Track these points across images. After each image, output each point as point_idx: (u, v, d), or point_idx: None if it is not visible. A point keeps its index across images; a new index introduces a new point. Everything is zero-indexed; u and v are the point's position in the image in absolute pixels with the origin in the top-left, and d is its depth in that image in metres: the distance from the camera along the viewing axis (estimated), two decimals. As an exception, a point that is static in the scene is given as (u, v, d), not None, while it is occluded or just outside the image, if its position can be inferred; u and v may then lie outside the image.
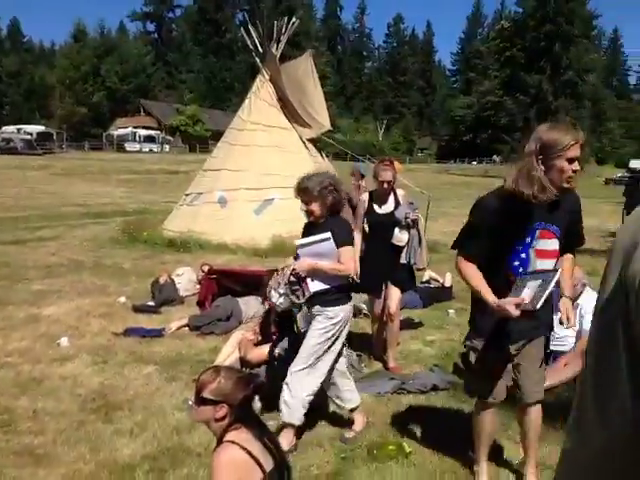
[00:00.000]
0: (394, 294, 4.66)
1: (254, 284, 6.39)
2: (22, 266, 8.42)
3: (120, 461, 3.20)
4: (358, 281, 4.31)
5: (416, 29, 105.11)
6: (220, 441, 2.18)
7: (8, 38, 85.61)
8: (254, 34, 11.96)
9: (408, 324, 5.83)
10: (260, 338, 4.37)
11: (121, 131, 54.85)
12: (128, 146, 50.89)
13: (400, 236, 4.52)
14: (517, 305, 2.40)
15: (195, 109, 59.91)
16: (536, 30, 63.17)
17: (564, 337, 4.47)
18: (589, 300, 4.43)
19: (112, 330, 5.50)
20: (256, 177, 11.12)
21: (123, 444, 3.39)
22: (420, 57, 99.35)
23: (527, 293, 2.45)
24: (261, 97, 11.80)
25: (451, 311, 6.36)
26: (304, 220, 12.73)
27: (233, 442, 2.16)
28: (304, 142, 11.75)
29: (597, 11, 66.96)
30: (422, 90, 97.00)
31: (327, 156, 15.86)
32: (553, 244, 2.64)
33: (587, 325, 4.31)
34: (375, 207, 4.71)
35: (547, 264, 2.63)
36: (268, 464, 2.15)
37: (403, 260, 4.54)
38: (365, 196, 4.86)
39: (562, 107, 63.04)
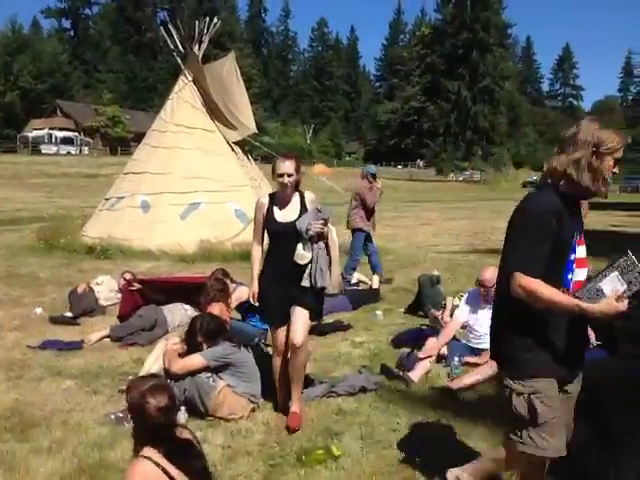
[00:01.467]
0: (299, 321, 3.64)
1: (181, 292, 6.25)
2: None
3: (36, 483, 3.03)
4: (256, 304, 3.84)
5: (340, 34, 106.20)
6: (136, 455, 2.12)
7: None
8: (175, 34, 11.72)
9: (337, 327, 5.88)
10: (185, 348, 4.25)
11: (36, 133, 52.15)
12: (44, 148, 48.47)
13: (302, 253, 3.60)
14: (619, 299, 2.05)
15: (115, 110, 57.92)
16: (454, 37, 65.70)
17: (484, 335, 4.66)
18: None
19: (27, 343, 5.20)
20: (181, 180, 10.87)
21: (40, 463, 3.20)
22: (345, 62, 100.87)
23: (611, 287, 2.09)
24: (184, 98, 11.57)
25: (379, 312, 6.48)
26: (232, 224, 12.56)
27: (148, 458, 2.10)
28: (230, 145, 11.63)
29: (511, 20, 70.43)
30: (348, 95, 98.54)
31: (255, 159, 15.77)
32: (584, 251, 2.30)
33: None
34: (275, 212, 3.77)
35: (582, 274, 2.28)
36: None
37: (304, 282, 3.61)
38: (265, 199, 3.85)
39: (480, 113, 65.88)
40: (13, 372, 4.56)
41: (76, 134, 53.88)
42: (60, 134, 51.75)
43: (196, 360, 3.85)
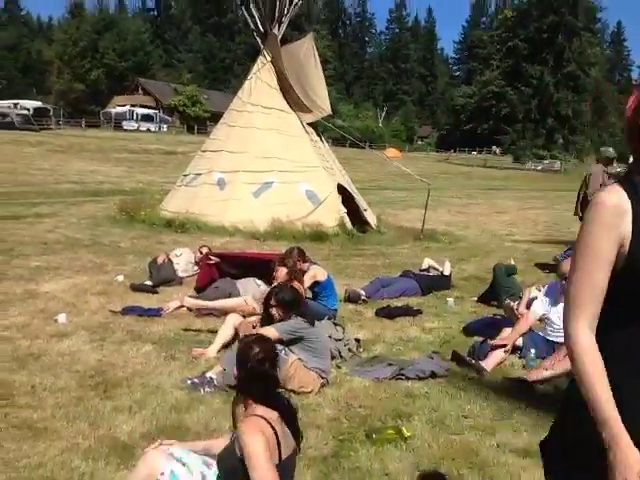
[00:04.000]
0: None
1: (255, 267, 6.39)
2: (19, 242, 8.38)
3: (119, 438, 3.20)
4: None
5: (419, 16, 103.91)
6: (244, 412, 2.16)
7: (5, 11, 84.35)
8: (256, 14, 11.81)
9: (407, 311, 5.84)
10: (258, 323, 4.35)
11: (119, 109, 54.37)
12: (126, 124, 50.49)
13: None
14: None
15: (194, 89, 59.43)
16: (539, 21, 62.82)
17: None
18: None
19: (110, 308, 5.49)
20: (255, 160, 11.06)
21: (122, 421, 3.38)
22: (422, 44, 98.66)
23: None
24: (262, 79, 11.69)
25: (450, 300, 6.37)
26: (303, 204, 12.68)
27: (262, 417, 2.13)
28: (304, 126, 11.68)
29: (601, 4, 66.43)
30: (423, 78, 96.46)
31: (327, 141, 15.79)
32: None
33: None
34: None
35: None
36: (286, 450, 2.14)
37: None
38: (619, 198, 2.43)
39: (563, 99, 62.88)
40: (97, 334, 4.82)
41: (156, 111, 55.78)
42: (141, 111, 53.73)
43: (270, 332, 3.93)
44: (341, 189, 11.40)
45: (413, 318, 5.73)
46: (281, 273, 5.19)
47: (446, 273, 7.15)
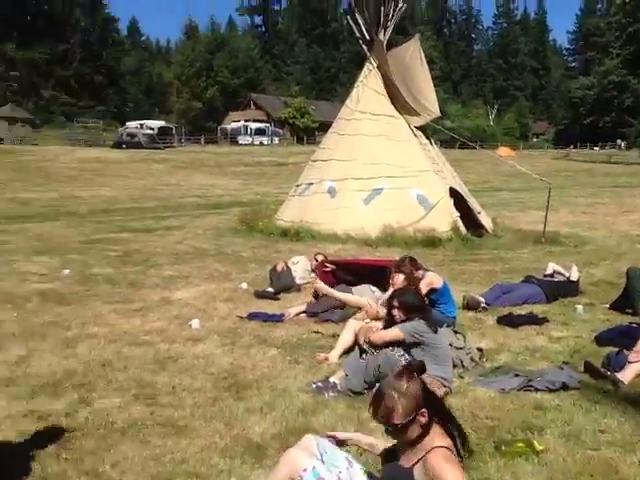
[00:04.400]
0: None
1: (369, 274, 6.47)
2: (152, 253, 9.12)
3: (252, 438, 3.39)
4: None
5: (528, 8, 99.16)
6: (415, 444, 2.13)
7: (128, 37, 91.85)
8: (361, 21, 11.90)
9: (531, 319, 5.61)
10: (379, 326, 4.41)
11: (234, 125, 57.25)
12: (240, 139, 53.00)
13: None
14: None
15: (302, 101, 61.07)
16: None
17: None
18: None
19: (237, 314, 5.81)
20: (364, 167, 11.16)
21: (254, 422, 3.57)
22: (532, 37, 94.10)
23: None
24: (369, 86, 11.78)
25: (579, 307, 6.02)
26: (414, 209, 12.62)
27: (448, 448, 2.11)
28: (412, 130, 11.60)
29: None
30: (536, 72, 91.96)
31: (436, 143, 15.55)
32: None
33: None
34: None
35: None
36: None
37: None
38: None
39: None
40: (227, 339, 5.14)
41: (267, 125, 58.02)
42: (254, 125, 56.15)
43: (393, 332, 3.99)
44: (453, 192, 11.17)
45: (539, 326, 5.49)
46: (398, 280, 5.21)
47: (573, 278, 6.76)
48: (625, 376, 4.03)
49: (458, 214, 10.79)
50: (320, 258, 6.98)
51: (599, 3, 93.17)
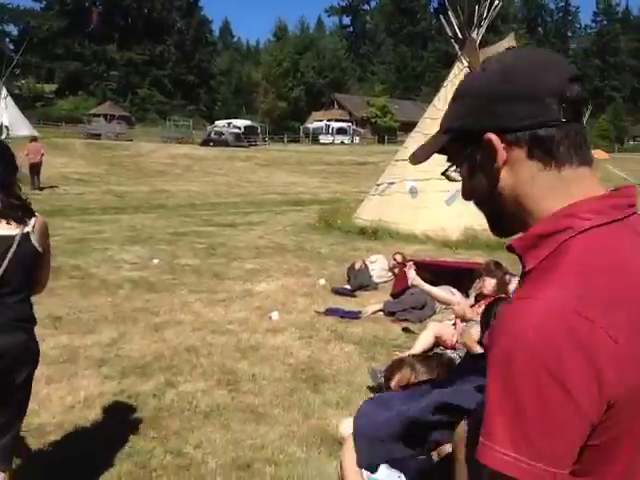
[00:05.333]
0: None
1: (449, 276, 6.37)
2: (236, 247, 9.44)
3: (329, 430, 3.45)
4: None
5: (630, 4, 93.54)
6: None
7: (220, 38, 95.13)
8: (454, 20, 11.70)
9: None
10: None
11: (316, 124, 57.89)
12: (322, 138, 53.54)
13: None
14: None
15: (385, 100, 60.74)
16: None
17: None
18: None
19: (315, 309, 5.92)
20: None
21: (331, 414, 3.65)
22: (634, 35, 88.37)
23: None
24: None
25: None
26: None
27: None
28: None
29: None
30: (636, 71, 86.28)
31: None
32: None
33: None
34: None
35: None
36: None
37: None
38: None
39: None
40: (305, 332, 5.25)
41: (349, 124, 58.20)
42: (336, 125, 56.52)
43: None
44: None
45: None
46: (489, 284, 5.11)
47: None
48: None
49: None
50: (399, 258, 6.95)
51: None
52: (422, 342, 4.77)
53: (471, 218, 10.43)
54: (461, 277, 6.37)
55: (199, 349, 4.73)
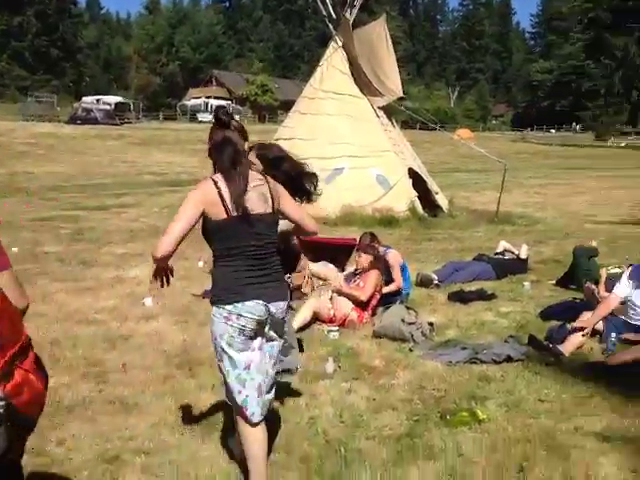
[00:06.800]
0: None
1: (327, 253, 6.51)
2: (106, 231, 8.93)
3: (204, 414, 3.40)
4: None
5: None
6: None
7: (87, 10, 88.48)
8: (328, 0, 11.80)
9: (481, 295, 5.76)
10: None
11: (194, 101, 56.09)
12: (200, 116, 52.02)
13: None
14: None
15: (264, 78, 60.23)
16: (624, -12, 58.61)
17: (648, 312, 4.30)
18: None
19: (192, 292, 5.77)
20: (326, 146, 11.11)
21: (206, 398, 3.58)
22: (497, 19, 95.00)
23: None
24: (333, 65, 11.71)
25: (526, 284, 6.21)
26: (373, 189, 12.70)
27: (212, 179, 2.57)
28: (375, 110, 11.62)
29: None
30: (498, 54, 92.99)
31: (396, 124, 15.59)
32: None
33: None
34: None
35: None
36: None
37: None
38: None
39: (651, 71, 58.65)
40: (181, 317, 5.10)
41: (229, 102, 57.03)
42: (215, 102, 55.06)
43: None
44: (412, 173, 11.28)
45: (487, 302, 5.65)
46: (364, 260, 5.27)
47: (523, 256, 6.96)
48: (566, 348, 4.19)
49: (416, 194, 10.91)
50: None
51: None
52: (300, 317, 4.84)
53: (348, 195, 10.74)
54: (337, 253, 6.54)
55: (62, 342, 4.43)
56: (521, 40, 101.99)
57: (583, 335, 4.29)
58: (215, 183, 2.45)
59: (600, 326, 4.45)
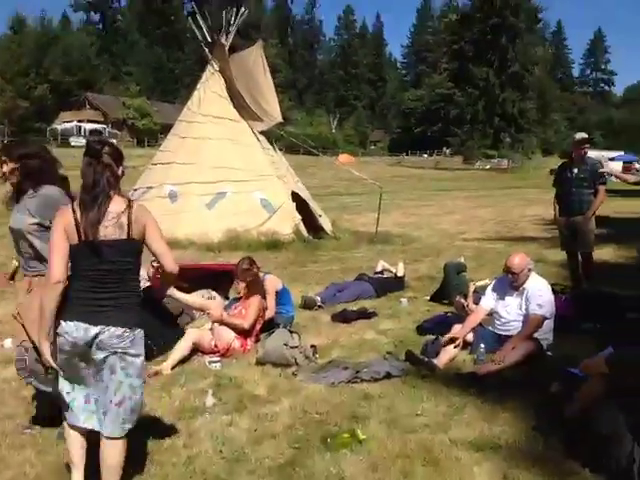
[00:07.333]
0: None
1: (209, 279, 6.33)
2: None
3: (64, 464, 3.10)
4: None
5: (367, 21, 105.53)
6: None
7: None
8: (203, 24, 11.78)
9: (362, 314, 5.89)
10: None
11: (66, 125, 53.07)
12: (73, 140, 49.17)
13: None
14: None
15: (142, 102, 58.46)
16: (483, 22, 64.24)
17: (511, 322, 4.62)
18: (534, 285, 4.58)
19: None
20: (208, 170, 10.97)
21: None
22: (371, 50, 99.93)
23: None
24: (211, 88, 11.64)
25: (403, 300, 6.46)
26: (257, 213, 12.60)
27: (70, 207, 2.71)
28: (255, 134, 11.67)
29: (542, 4, 68.46)
30: (373, 83, 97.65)
31: (280, 149, 15.76)
32: None
33: (533, 309, 4.47)
34: None
35: None
36: None
37: None
38: None
39: (509, 99, 64.51)
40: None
41: (104, 126, 54.62)
42: (89, 126, 52.51)
43: None
44: (295, 196, 11.42)
45: (369, 321, 5.79)
46: (241, 287, 5.21)
47: (400, 274, 7.25)
48: (440, 361, 4.38)
49: (300, 217, 11.05)
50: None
51: (430, 21, 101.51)
52: (179, 350, 4.64)
53: (233, 220, 10.62)
54: (221, 279, 6.39)
55: None
56: (394, 69, 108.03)
57: (455, 347, 4.51)
58: (73, 210, 2.57)
59: (470, 337, 4.71)
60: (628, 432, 2.75)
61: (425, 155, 68.22)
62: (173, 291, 5.04)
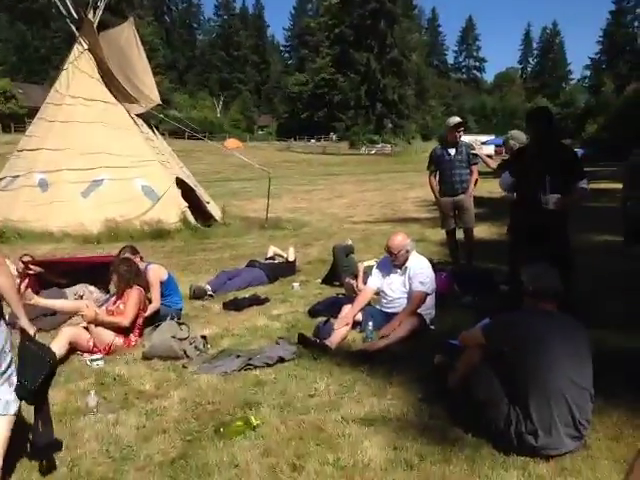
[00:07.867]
0: None
1: (86, 273, 5.95)
2: None
3: None
4: None
5: (247, 3, 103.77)
6: None
7: None
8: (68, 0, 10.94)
9: (254, 301, 5.84)
10: None
11: None
12: None
13: None
14: None
15: (6, 83, 53.52)
16: (362, 7, 65.44)
17: (396, 299, 4.80)
18: (416, 263, 4.79)
19: None
20: (80, 156, 10.33)
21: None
22: (252, 32, 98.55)
23: None
24: (80, 68, 10.91)
25: (295, 284, 6.49)
26: (139, 201, 12.16)
27: None
28: (132, 118, 11.10)
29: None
30: (257, 66, 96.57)
31: (162, 134, 15.17)
32: None
33: (416, 286, 4.66)
34: None
35: None
36: None
37: None
38: None
39: (389, 85, 66.63)
40: None
41: (-38, 110, 49.39)
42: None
43: None
44: (180, 183, 11.05)
45: (261, 307, 5.75)
46: (114, 281, 4.93)
47: (291, 259, 7.28)
48: (332, 341, 4.45)
49: (187, 205, 10.72)
50: (26, 259, 6.15)
51: (310, 3, 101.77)
52: (54, 349, 4.30)
53: (111, 209, 10.07)
54: (99, 273, 6.01)
55: None
56: (277, 53, 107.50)
57: (346, 328, 4.60)
58: None
59: (360, 317, 4.83)
60: (505, 396, 2.95)
61: (313, 140, 68.94)
62: (37, 299, 4.65)
